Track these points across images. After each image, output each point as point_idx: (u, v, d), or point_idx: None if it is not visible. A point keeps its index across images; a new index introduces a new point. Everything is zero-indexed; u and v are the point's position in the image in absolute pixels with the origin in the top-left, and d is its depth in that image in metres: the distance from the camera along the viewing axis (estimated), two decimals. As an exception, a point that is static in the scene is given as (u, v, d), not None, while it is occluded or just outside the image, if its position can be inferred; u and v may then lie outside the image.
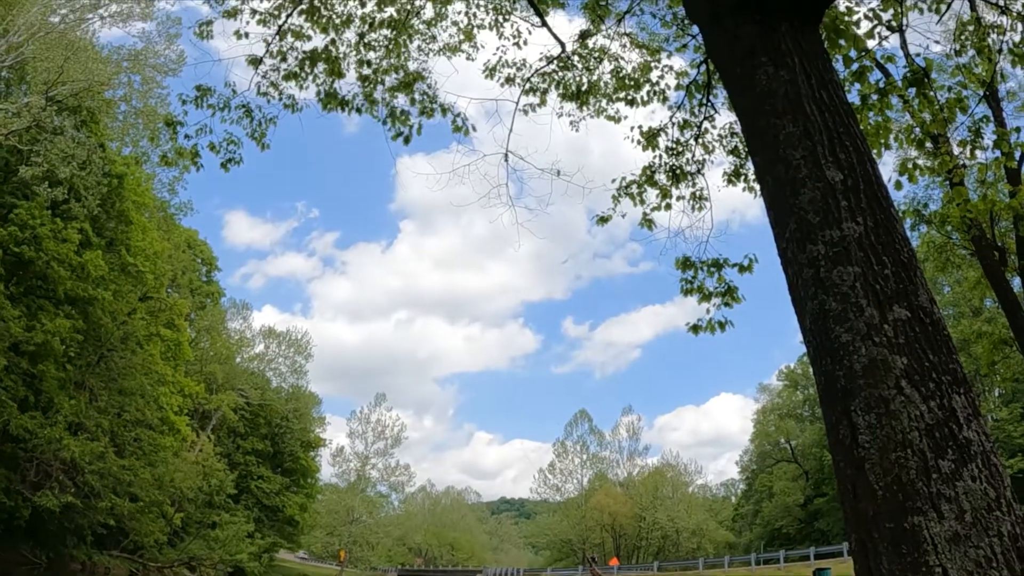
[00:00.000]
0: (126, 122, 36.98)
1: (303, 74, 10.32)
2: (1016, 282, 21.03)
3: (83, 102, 32.54)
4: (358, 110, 10.67)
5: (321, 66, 10.34)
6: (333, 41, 10.39)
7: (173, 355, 44.21)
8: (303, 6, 10.14)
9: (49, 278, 33.69)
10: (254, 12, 10.19)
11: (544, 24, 11.04)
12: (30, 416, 33.18)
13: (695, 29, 9.51)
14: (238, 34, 10.13)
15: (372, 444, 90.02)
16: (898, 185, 8.68)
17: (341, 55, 10.45)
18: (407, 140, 10.66)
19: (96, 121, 34.88)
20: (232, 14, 10.28)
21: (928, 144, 9.55)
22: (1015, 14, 9.05)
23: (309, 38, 10.40)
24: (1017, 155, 15.58)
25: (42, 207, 32.27)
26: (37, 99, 29.41)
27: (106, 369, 38.72)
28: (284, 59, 10.32)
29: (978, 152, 10.16)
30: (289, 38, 10.30)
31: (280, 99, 10.50)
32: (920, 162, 9.19)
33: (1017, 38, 9.04)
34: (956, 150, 10.82)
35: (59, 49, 30.21)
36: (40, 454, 33.71)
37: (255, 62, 10.21)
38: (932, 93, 8.75)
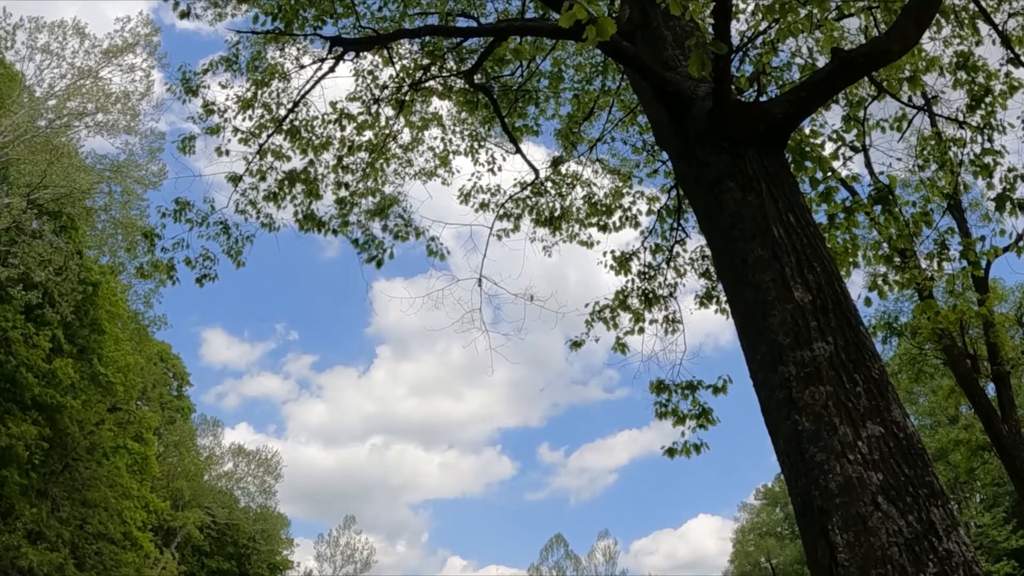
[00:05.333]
0: (105, 232, 37.04)
1: (281, 194, 10.48)
2: (990, 388, 21.18)
3: (64, 208, 32.64)
4: (334, 232, 10.81)
5: (299, 187, 10.52)
6: (312, 162, 10.60)
7: (140, 469, 43.06)
8: (284, 127, 10.38)
9: (17, 382, 33.05)
10: (236, 130, 10.41)
11: (518, 151, 11.34)
12: (-11, 521, 32.04)
13: (665, 155, 9.81)
14: (219, 151, 10.32)
15: (341, 568, 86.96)
16: (867, 302, 8.82)
17: (319, 176, 10.66)
18: (379, 264, 10.80)
19: (75, 228, 34.93)
20: (215, 131, 10.50)
21: (896, 259, 9.75)
22: (973, 127, 9.40)
23: (289, 158, 10.61)
24: (983, 263, 15.94)
25: (16, 310, 31.97)
26: (18, 201, 29.48)
27: (70, 479, 37.61)
28: (263, 178, 10.49)
29: (945, 264, 10.35)
30: (269, 157, 10.51)
31: (258, 218, 10.63)
32: (889, 277, 9.37)
33: (977, 150, 9.35)
34: (924, 263, 11.04)
35: (43, 154, 30.48)
36: (-3, 560, 32.38)
37: (235, 179, 10.36)
38: (897, 209, 8.99)
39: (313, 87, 10.05)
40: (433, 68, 10.70)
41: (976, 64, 9.44)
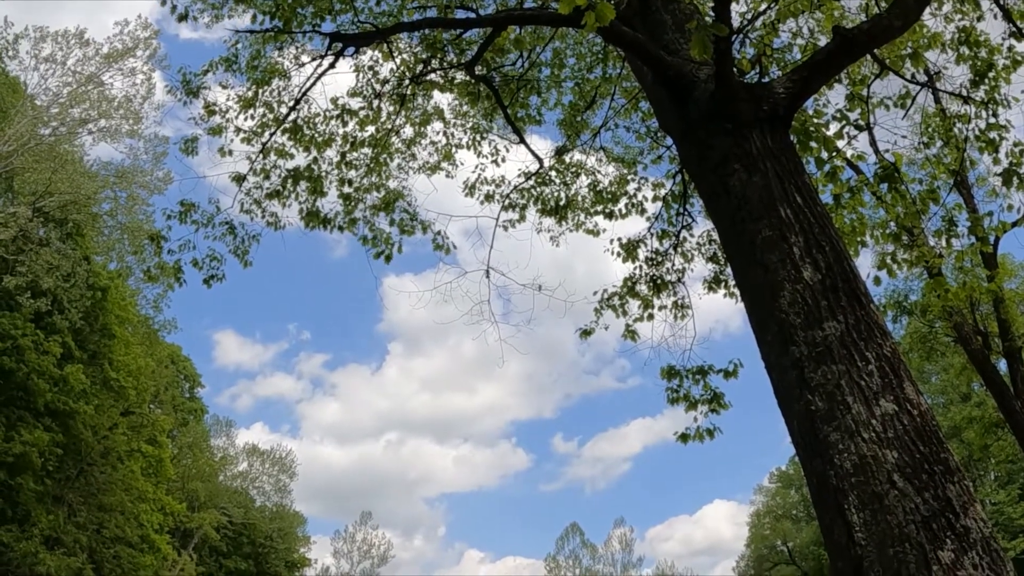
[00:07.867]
0: (111, 237, 37.16)
1: (286, 192, 10.48)
2: (1002, 364, 21.10)
3: (69, 215, 32.74)
4: (340, 228, 10.82)
5: (304, 184, 10.52)
6: (315, 160, 10.60)
7: (155, 471, 43.29)
8: (286, 125, 10.36)
9: (29, 389, 33.23)
10: (238, 130, 10.41)
11: (522, 140, 11.30)
12: (6, 529, 32.23)
13: (669, 140, 9.78)
14: (222, 151, 10.32)
15: (358, 564, 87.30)
16: (876, 280, 8.81)
17: (323, 173, 10.65)
18: (388, 259, 10.81)
19: (82, 234, 35.04)
20: (217, 131, 10.49)
21: (904, 237, 9.71)
22: (978, 102, 9.34)
23: (292, 156, 10.61)
24: (992, 239, 15.88)
25: (26, 318, 32.14)
26: (24, 209, 29.57)
27: (85, 484, 37.83)
28: (267, 177, 10.49)
29: (953, 240, 10.30)
30: (272, 156, 10.50)
31: (263, 217, 10.65)
32: (898, 255, 9.33)
33: (982, 125, 9.27)
34: (932, 240, 10.99)
35: (48, 161, 30.59)
36: (15, 568, 32.56)
37: (239, 179, 10.36)
38: (904, 187, 8.95)
39: (314, 84, 10.03)
40: (433, 61, 10.67)
41: (978, 39, 9.36)
